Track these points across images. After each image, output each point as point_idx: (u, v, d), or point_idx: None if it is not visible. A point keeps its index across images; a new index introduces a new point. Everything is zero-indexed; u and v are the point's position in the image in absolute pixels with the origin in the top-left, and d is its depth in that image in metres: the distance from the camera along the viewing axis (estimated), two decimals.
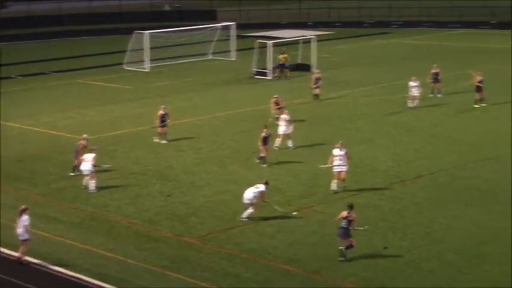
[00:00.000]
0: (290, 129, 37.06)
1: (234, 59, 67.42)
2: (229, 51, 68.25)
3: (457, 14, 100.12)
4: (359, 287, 22.57)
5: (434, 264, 23.93)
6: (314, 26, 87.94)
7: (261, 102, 46.88)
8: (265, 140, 34.32)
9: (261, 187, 27.92)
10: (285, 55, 58.55)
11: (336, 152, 30.71)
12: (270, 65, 58.35)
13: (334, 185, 30.67)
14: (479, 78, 45.96)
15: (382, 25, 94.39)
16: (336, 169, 30.59)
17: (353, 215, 24.48)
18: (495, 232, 26.41)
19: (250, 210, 27.86)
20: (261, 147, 34.39)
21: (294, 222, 27.71)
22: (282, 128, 37.15)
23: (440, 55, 65.74)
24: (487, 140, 38.45)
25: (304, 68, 60.61)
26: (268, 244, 25.83)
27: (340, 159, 30.52)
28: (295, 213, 28.49)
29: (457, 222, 27.39)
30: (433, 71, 48.85)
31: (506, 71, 55.91)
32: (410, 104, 45.87)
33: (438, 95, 48.36)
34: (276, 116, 41.40)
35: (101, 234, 26.96)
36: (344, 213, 24.44)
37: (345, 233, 24.37)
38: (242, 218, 27.88)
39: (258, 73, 58.67)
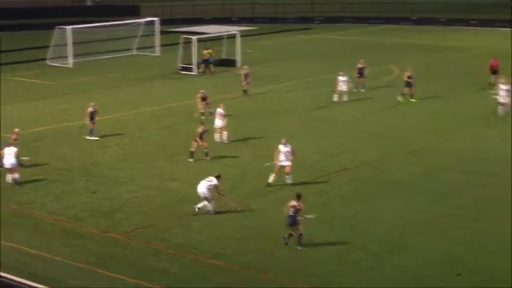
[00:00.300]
0: (224, 123, 37.40)
1: (158, 55, 67.12)
2: (154, 46, 67.92)
3: (377, 10, 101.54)
4: (285, 279, 22.80)
5: (359, 255, 24.33)
6: (238, 21, 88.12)
7: (186, 97, 46.87)
8: (201, 136, 34.46)
9: (214, 180, 27.95)
10: (210, 50, 58.61)
11: (281, 148, 31.04)
12: (194, 60, 58.32)
13: (271, 178, 30.86)
14: (408, 73, 46.64)
15: (305, 21, 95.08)
16: (280, 163, 30.92)
17: (301, 204, 25.02)
18: (416, 224, 26.95)
19: (205, 203, 27.88)
20: (194, 142, 34.49)
21: (221, 217, 27.79)
22: (218, 122, 37.37)
23: (363, 50, 66.60)
24: (410, 134, 39.15)
25: (229, 63, 60.79)
26: (195, 239, 25.88)
27: (285, 155, 30.89)
28: (240, 207, 28.53)
29: (380, 215, 27.87)
30: (359, 65, 49.50)
31: (428, 66, 57.01)
32: (335, 98, 46.41)
33: (362, 90, 49.05)
34: (201, 111, 41.45)
35: (26, 231, 26.65)
36: (292, 203, 25.02)
37: (293, 221, 24.90)
38: (197, 207, 27.78)
39: (183, 68, 58.59)
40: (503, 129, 39.38)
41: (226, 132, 37.59)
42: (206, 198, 27.94)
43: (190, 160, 34.41)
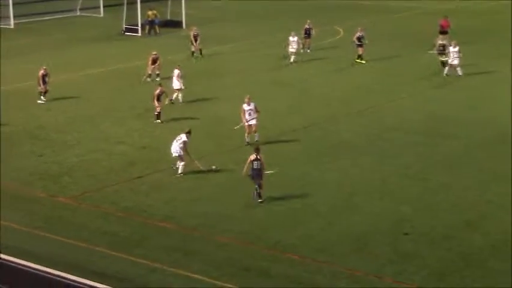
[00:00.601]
0: (182, 85, 37.47)
1: (102, 16, 66.11)
2: (97, 7, 66.81)
3: None
4: (235, 241, 22.89)
5: (309, 217, 24.51)
6: None
7: (132, 59, 46.44)
8: (159, 97, 34.47)
9: (183, 137, 28.02)
10: (154, 11, 58.02)
11: (245, 107, 31.40)
12: (139, 21, 57.65)
13: (247, 138, 31.27)
14: (358, 34, 46.59)
15: None
16: (248, 123, 31.28)
17: (261, 155, 25.69)
18: (364, 184, 27.22)
19: (181, 164, 27.93)
20: (156, 104, 34.39)
21: (169, 179, 27.74)
22: (176, 84, 37.46)
23: (309, 11, 66.32)
24: (356, 94, 39.36)
25: (174, 24, 60.21)
26: (144, 202, 25.83)
27: (249, 114, 31.27)
28: (214, 167, 28.56)
29: (329, 175, 28.08)
30: (306, 26, 49.38)
31: (373, 26, 57.16)
32: (289, 59, 46.36)
33: (308, 51, 49.06)
34: (149, 73, 41.13)
35: None
36: (253, 156, 25.59)
37: (259, 174, 25.51)
38: (178, 173, 27.93)
39: (128, 30, 57.87)
40: (448, 89, 39.91)
41: (181, 94, 37.49)
42: (179, 157, 27.93)
43: (158, 121, 34.36)
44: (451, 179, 27.32)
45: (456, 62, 41.72)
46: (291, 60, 46.24)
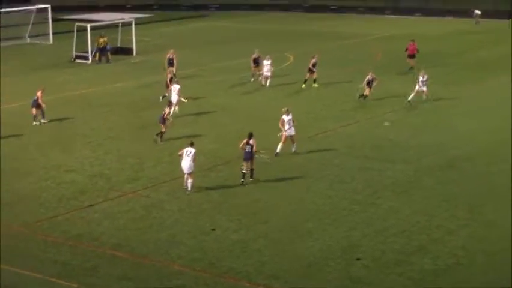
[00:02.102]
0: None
1: (51, 43, 65.75)
2: (46, 34, 66.46)
3: None
4: (187, 269, 22.82)
5: (261, 243, 24.57)
6: (133, 8, 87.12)
7: (82, 86, 46.17)
8: (164, 121, 35.49)
9: (191, 150, 28.75)
10: (105, 38, 57.83)
11: (284, 117, 33.12)
12: (89, 48, 57.46)
13: (279, 148, 32.73)
14: (314, 60, 47.23)
15: (200, 8, 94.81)
16: (287, 133, 32.93)
17: (254, 141, 29.32)
18: (316, 209, 27.37)
19: (189, 181, 28.75)
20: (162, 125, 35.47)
21: (120, 208, 27.63)
22: (175, 98, 39.28)
23: (259, 38, 67.00)
24: (307, 120, 39.56)
25: (125, 51, 60.17)
26: (95, 230, 25.67)
27: (289, 124, 32.96)
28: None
29: (281, 201, 28.21)
30: (254, 56, 49.60)
31: (323, 53, 57.71)
32: (263, 82, 47.49)
33: (252, 80, 49.18)
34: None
35: None
36: (247, 140, 29.34)
37: (249, 156, 29.39)
38: (188, 191, 28.74)
39: (78, 57, 57.65)
40: (398, 114, 40.46)
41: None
42: (190, 174, 28.77)
43: (159, 141, 35.10)
44: (400, 204, 27.64)
45: (425, 89, 42.33)
46: (267, 84, 47.19)
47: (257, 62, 49.35)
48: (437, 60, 55.29)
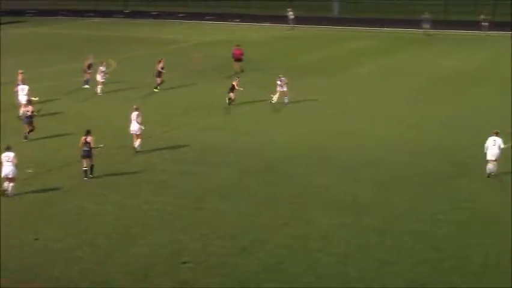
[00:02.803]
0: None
1: None
2: None
3: (92, 3, 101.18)
4: (10, 282, 22.26)
5: (85, 251, 24.29)
6: None
7: None
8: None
9: (10, 154, 28.95)
10: None
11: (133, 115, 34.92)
12: None
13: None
14: (161, 64, 48.10)
15: (16, 14, 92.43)
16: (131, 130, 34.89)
17: (92, 138, 30.60)
18: (142, 215, 27.34)
19: (11, 184, 28.96)
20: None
21: None
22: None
23: (81, 44, 66.08)
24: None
25: None
26: None
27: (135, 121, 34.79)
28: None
29: (105, 207, 28.00)
30: (88, 62, 49.29)
31: (145, 58, 57.79)
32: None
33: (86, 86, 48.74)
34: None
35: None
36: (84, 138, 30.51)
37: (88, 153, 30.64)
38: (8, 194, 28.89)
39: None
40: (221, 119, 41.08)
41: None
42: (12, 179, 29.02)
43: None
44: (224, 206, 28.08)
45: (285, 89, 43.94)
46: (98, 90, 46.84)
47: (90, 68, 48.97)
48: (256, 64, 56.51)
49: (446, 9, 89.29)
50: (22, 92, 40.49)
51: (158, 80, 48.11)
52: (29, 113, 36.72)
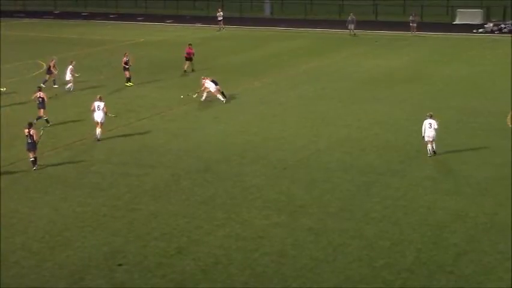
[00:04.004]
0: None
1: None
2: None
3: (21, 4, 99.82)
4: None
5: (19, 255, 23.98)
6: None
7: None
8: None
9: (101, 103, 35.75)
10: None
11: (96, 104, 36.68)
12: None
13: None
14: (125, 59, 49.46)
15: None
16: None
17: (33, 130, 31.77)
18: (76, 217, 27.09)
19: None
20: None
21: None
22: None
23: (10, 44, 65.12)
24: (64, 127, 39.07)
25: None
26: None
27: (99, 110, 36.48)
28: None
29: (38, 211, 27.68)
30: (53, 62, 49.18)
31: (76, 59, 57.19)
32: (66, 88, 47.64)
33: (55, 86, 48.33)
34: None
35: None
36: (26, 131, 31.66)
37: (33, 146, 31.86)
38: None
39: None
40: (155, 120, 40.96)
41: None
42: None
43: None
44: (160, 208, 28.01)
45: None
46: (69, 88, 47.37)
47: (54, 68, 49.00)
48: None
49: (375, 11, 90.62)
50: None
51: (127, 74, 48.47)
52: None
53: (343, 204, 28.07)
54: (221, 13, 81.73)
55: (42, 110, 39.12)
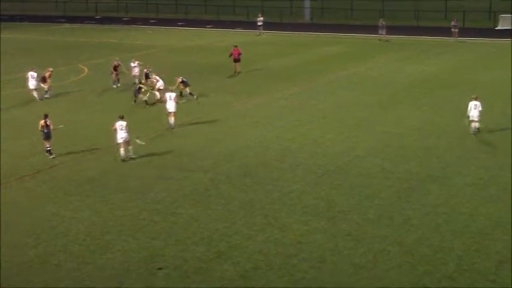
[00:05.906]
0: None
1: None
2: None
3: (61, 9, 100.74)
4: None
5: (60, 258, 24.18)
6: None
7: None
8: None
9: (123, 123, 33.71)
10: None
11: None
12: None
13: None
14: (115, 63, 49.96)
15: None
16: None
17: (49, 121, 33.74)
18: (115, 221, 27.19)
19: (131, 147, 34.15)
20: None
21: None
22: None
23: (51, 50, 65.70)
24: (99, 132, 39.31)
25: None
26: None
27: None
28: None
29: (79, 214, 27.87)
30: (115, 63, 50.52)
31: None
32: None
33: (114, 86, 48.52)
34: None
35: None
36: (42, 122, 33.74)
37: (48, 135, 33.76)
38: (132, 156, 34.12)
39: None
40: (192, 124, 41.03)
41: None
42: (127, 142, 33.97)
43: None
44: (199, 212, 28.04)
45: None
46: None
47: (117, 69, 50.25)
48: (227, 70, 56.56)
49: (416, 16, 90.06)
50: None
51: (148, 82, 48.53)
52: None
53: (383, 211, 27.86)
54: (261, 18, 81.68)
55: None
